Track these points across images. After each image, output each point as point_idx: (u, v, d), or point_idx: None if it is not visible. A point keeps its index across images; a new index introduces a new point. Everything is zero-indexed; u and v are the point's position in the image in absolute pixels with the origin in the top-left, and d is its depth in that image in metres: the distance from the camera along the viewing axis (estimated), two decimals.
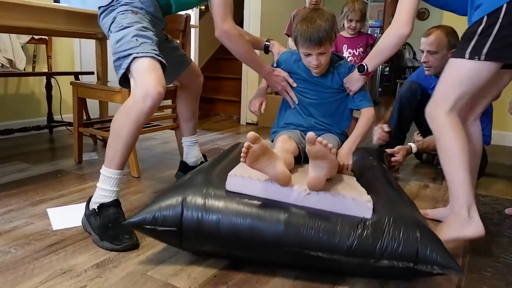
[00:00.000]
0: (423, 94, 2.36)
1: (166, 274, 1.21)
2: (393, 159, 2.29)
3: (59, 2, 2.13)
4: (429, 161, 2.65)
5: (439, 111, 1.40)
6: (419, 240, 1.14)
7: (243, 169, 1.30)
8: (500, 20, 1.26)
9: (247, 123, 4.13)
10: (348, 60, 2.34)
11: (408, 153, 2.36)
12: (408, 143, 2.40)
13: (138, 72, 1.38)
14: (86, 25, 1.94)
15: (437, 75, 2.10)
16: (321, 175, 1.20)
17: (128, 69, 1.40)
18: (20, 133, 2.82)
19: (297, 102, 1.72)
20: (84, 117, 2.61)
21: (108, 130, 2.35)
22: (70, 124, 2.76)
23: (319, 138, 1.14)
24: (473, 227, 1.36)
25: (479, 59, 1.31)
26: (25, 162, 2.33)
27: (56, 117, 3.11)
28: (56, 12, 1.81)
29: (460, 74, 1.37)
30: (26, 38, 2.85)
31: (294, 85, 1.70)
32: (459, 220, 1.37)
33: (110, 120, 2.65)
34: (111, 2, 1.52)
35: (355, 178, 1.47)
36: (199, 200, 1.22)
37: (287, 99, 1.74)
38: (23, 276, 1.17)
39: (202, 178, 1.35)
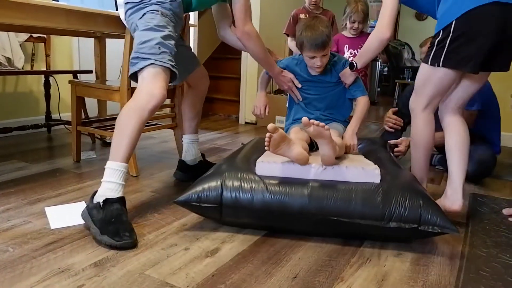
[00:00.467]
0: None
1: (164, 273, 1.21)
2: (396, 149, 2.41)
3: (58, 1, 2.12)
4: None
5: (417, 108, 1.66)
6: (422, 206, 1.37)
7: (268, 156, 1.59)
8: (450, 34, 1.48)
9: (245, 123, 4.13)
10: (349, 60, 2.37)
11: None
12: None
13: (150, 76, 1.49)
14: (85, 23, 1.94)
15: None
16: (329, 151, 1.42)
17: (141, 69, 1.50)
18: (18, 132, 2.81)
19: (301, 99, 1.97)
20: (83, 116, 2.61)
21: (107, 129, 2.37)
22: (68, 122, 2.75)
23: (312, 120, 1.34)
24: None
25: (438, 66, 1.53)
26: (23, 160, 2.33)
27: (55, 115, 3.11)
28: (55, 10, 1.80)
29: (426, 78, 1.60)
30: (24, 36, 2.84)
31: (299, 86, 1.95)
32: None
33: (108, 119, 2.69)
34: (142, 0, 1.56)
35: (362, 156, 1.70)
36: (236, 182, 1.46)
37: (292, 96, 2.00)
38: (20, 275, 1.17)
39: (230, 166, 1.58)
